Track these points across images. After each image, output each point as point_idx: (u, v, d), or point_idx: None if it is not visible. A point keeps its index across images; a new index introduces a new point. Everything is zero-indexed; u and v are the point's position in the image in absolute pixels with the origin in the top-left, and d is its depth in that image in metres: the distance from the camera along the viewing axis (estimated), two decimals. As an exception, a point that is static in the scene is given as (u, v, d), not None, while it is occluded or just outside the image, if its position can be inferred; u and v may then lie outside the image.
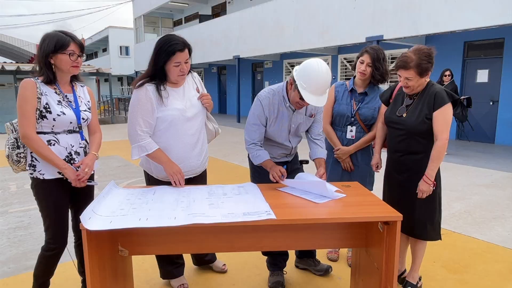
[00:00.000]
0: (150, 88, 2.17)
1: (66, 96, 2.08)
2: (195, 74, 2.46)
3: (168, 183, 2.28)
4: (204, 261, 2.78)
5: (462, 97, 6.73)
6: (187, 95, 2.31)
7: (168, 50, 2.10)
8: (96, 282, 1.73)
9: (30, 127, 1.95)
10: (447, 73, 7.15)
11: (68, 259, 2.81)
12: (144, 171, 2.45)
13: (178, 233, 2.10)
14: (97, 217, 1.68)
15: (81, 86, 2.22)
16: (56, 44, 1.95)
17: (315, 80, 2.11)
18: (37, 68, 2.03)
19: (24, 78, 2.04)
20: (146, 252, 2.17)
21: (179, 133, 2.26)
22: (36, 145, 1.97)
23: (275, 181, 2.27)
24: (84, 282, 2.33)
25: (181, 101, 2.26)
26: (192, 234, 2.11)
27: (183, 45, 2.13)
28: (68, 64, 2.00)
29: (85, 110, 2.15)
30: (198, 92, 2.40)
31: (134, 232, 2.10)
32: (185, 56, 2.15)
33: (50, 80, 2.01)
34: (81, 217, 1.63)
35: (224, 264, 2.80)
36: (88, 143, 2.22)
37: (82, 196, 2.17)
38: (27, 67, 12.53)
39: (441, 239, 2.43)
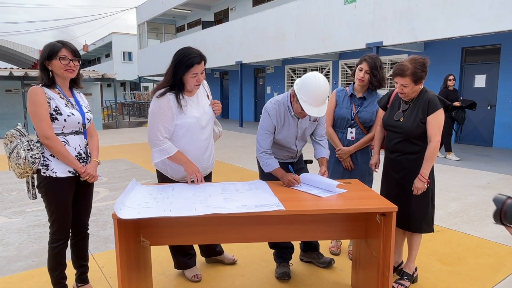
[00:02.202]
0: (171, 97, 2.39)
1: (69, 100, 2.27)
2: (204, 81, 2.68)
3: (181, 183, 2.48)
4: (215, 252, 2.97)
5: (462, 99, 6.87)
6: (201, 103, 2.55)
7: (187, 63, 2.33)
8: (124, 269, 1.93)
9: (49, 128, 2.14)
10: (451, 77, 7.29)
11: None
12: (159, 172, 2.65)
13: (195, 225, 2.32)
14: (126, 208, 1.90)
15: (78, 92, 2.39)
16: (49, 51, 2.14)
17: (314, 93, 2.31)
18: (39, 75, 2.24)
19: (31, 83, 2.23)
20: (165, 242, 2.38)
21: (194, 138, 2.48)
22: (58, 144, 2.16)
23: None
24: (81, 275, 2.48)
25: (197, 109, 2.49)
26: (208, 226, 2.32)
27: (200, 58, 2.37)
28: (61, 68, 2.16)
29: (87, 112, 2.37)
30: (208, 98, 2.62)
31: (155, 224, 2.31)
32: (201, 67, 2.38)
33: (48, 84, 2.18)
34: (115, 207, 1.85)
35: (234, 256, 3.01)
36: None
37: (83, 193, 2.38)
38: (33, 72, 12.67)
39: (433, 232, 2.64)
